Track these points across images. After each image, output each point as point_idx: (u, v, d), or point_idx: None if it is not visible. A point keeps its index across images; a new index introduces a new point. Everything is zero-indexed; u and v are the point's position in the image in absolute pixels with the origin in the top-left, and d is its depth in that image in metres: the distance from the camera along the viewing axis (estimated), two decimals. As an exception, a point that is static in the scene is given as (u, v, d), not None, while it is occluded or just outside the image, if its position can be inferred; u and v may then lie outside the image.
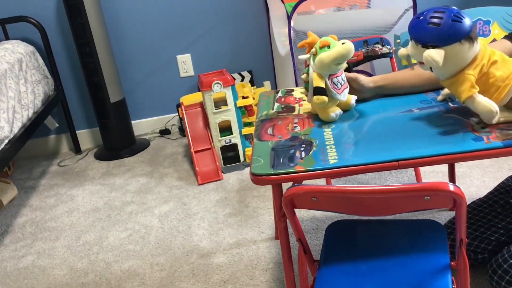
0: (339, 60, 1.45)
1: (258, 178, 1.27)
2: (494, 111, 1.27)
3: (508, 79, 1.28)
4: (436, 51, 1.26)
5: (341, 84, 1.51)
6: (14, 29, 3.12)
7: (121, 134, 3.22)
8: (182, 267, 2.03)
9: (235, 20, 3.30)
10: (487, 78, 1.30)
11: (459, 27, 1.25)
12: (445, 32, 1.26)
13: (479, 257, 1.67)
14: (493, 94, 1.29)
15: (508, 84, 1.28)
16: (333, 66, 1.45)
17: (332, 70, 1.47)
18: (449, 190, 1.05)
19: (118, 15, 3.21)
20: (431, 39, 1.27)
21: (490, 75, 1.29)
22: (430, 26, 1.27)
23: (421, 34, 1.29)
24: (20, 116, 2.57)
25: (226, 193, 2.55)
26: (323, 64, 1.45)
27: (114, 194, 2.71)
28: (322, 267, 1.33)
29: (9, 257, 2.27)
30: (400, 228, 1.45)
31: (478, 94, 1.29)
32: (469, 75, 1.28)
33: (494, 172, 2.35)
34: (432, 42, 1.27)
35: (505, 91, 1.28)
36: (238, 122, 2.73)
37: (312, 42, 1.51)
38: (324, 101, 1.46)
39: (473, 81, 1.28)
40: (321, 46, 1.46)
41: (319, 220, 2.18)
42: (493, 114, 1.28)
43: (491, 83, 1.29)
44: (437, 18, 1.27)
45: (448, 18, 1.26)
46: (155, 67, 3.36)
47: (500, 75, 1.29)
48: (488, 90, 1.30)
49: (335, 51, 1.44)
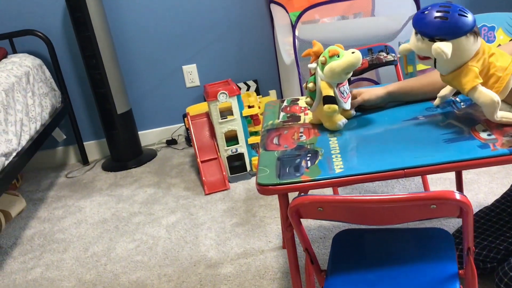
0: (349, 69, 1.46)
1: (264, 188, 1.27)
2: (496, 101, 1.29)
3: (508, 70, 1.31)
4: (445, 44, 1.28)
5: (346, 93, 1.52)
6: (22, 42, 3.15)
7: (128, 145, 3.23)
8: (189, 277, 2.03)
9: (240, 30, 3.32)
10: (488, 69, 1.32)
11: (466, 21, 1.29)
12: (453, 25, 1.28)
13: (488, 266, 1.66)
14: (494, 85, 1.32)
15: (508, 73, 1.31)
16: (343, 75, 1.47)
17: (341, 79, 1.48)
18: (455, 198, 1.05)
19: (123, 27, 3.23)
20: (439, 32, 1.30)
21: (491, 65, 1.32)
22: (438, 20, 1.29)
23: (428, 27, 1.31)
24: (28, 129, 2.59)
25: (233, 202, 2.55)
26: (334, 73, 1.45)
27: (122, 205, 2.72)
28: (330, 276, 1.33)
29: (18, 269, 2.28)
30: (408, 237, 1.45)
31: (481, 86, 1.31)
32: (473, 67, 1.31)
33: (501, 179, 2.34)
34: (441, 35, 1.29)
35: (505, 80, 1.31)
36: (244, 132, 2.73)
37: (317, 52, 1.51)
38: (336, 109, 1.47)
39: (477, 72, 1.31)
40: (330, 55, 1.46)
41: (326, 229, 2.18)
42: (495, 105, 1.30)
43: (492, 73, 1.32)
44: (444, 12, 1.30)
45: (455, 12, 1.29)
46: (161, 78, 3.38)
47: (500, 65, 1.32)
48: (489, 81, 1.32)
49: (346, 60, 1.45)
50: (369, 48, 2.15)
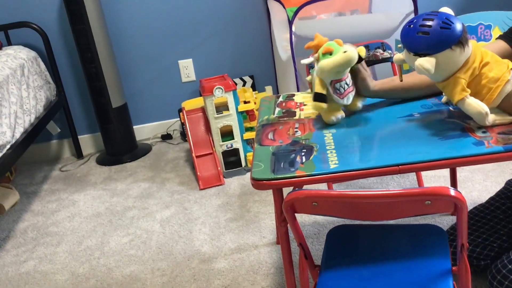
0: (338, 69, 1.43)
1: (258, 183, 1.26)
2: (484, 112, 1.29)
3: (500, 81, 1.30)
4: (427, 60, 1.27)
5: (344, 88, 1.48)
6: (16, 34, 3.13)
7: (123, 139, 3.22)
8: (183, 272, 2.03)
9: (236, 25, 3.31)
10: (479, 80, 1.31)
11: (449, 34, 1.26)
12: (435, 40, 1.26)
13: (482, 263, 1.67)
14: (485, 96, 1.31)
15: (499, 85, 1.29)
16: (333, 74, 1.45)
17: (332, 77, 1.45)
18: (449, 194, 1.05)
19: (120, 20, 3.22)
20: (421, 48, 1.29)
21: (483, 76, 1.31)
22: (420, 35, 1.28)
23: (412, 43, 1.31)
24: (22, 122, 2.58)
25: (227, 198, 2.55)
26: (323, 71, 1.44)
27: (116, 199, 2.71)
28: (323, 272, 1.33)
29: (10, 262, 2.27)
30: (402, 233, 1.45)
31: (470, 97, 1.30)
32: (460, 79, 1.30)
33: (496, 177, 2.34)
34: (423, 51, 1.29)
35: (496, 92, 1.30)
36: (240, 127, 2.73)
37: (318, 45, 1.49)
38: (323, 108, 1.46)
39: (463, 84, 1.30)
40: (323, 52, 1.44)
41: (320, 225, 2.18)
42: (483, 116, 1.30)
43: (483, 84, 1.31)
44: (427, 27, 1.27)
45: (437, 26, 1.26)
46: (157, 72, 3.37)
47: (492, 76, 1.30)
48: (480, 92, 1.32)
49: (334, 60, 1.42)
50: (366, 45, 2.15)
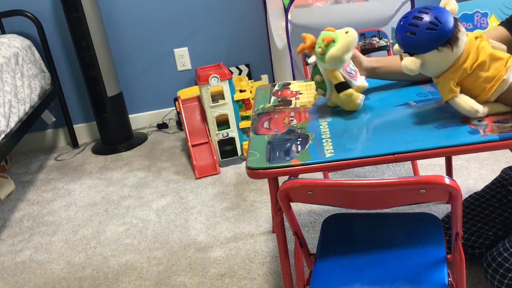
0: (349, 49, 1.44)
1: (254, 172, 1.26)
2: (473, 111, 1.29)
3: (495, 80, 1.28)
4: (412, 61, 1.27)
5: (354, 71, 1.51)
6: (10, 23, 3.11)
7: (118, 128, 3.21)
8: (179, 261, 2.03)
9: (232, 14, 3.29)
10: (473, 79, 1.29)
11: (435, 36, 1.24)
12: (420, 42, 1.25)
13: (477, 251, 1.68)
14: (480, 94, 1.30)
15: (494, 85, 1.28)
16: (345, 57, 1.45)
17: (345, 61, 1.46)
18: (444, 183, 1.05)
19: (114, 8, 3.19)
20: (408, 48, 1.29)
21: (477, 76, 1.29)
22: (408, 35, 1.27)
23: (400, 42, 1.30)
24: (16, 111, 2.57)
25: (223, 187, 2.55)
26: (336, 59, 1.43)
27: (112, 189, 2.71)
28: (318, 260, 1.33)
29: (6, 252, 2.27)
30: (397, 221, 1.45)
31: (459, 95, 1.30)
32: (448, 79, 1.29)
33: (491, 165, 2.35)
34: (409, 50, 1.29)
35: (490, 92, 1.29)
36: (236, 116, 2.72)
37: (311, 45, 1.48)
38: (352, 93, 1.46)
39: (452, 85, 1.29)
40: (326, 43, 1.43)
41: (316, 213, 2.18)
42: (473, 114, 1.29)
43: (478, 84, 1.30)
44: (414, 26, 1.25)
45: (424, 27, 1.24)
46: (152, 61, 3.35)
47: (486, 76, 1.28)
48: (475, 89, 1.30)
49: (343, 42, 1.42)
50: (362, 33, 2.14)
